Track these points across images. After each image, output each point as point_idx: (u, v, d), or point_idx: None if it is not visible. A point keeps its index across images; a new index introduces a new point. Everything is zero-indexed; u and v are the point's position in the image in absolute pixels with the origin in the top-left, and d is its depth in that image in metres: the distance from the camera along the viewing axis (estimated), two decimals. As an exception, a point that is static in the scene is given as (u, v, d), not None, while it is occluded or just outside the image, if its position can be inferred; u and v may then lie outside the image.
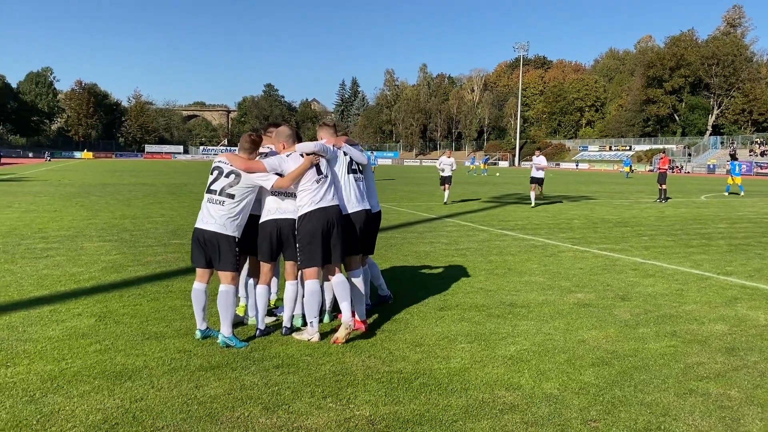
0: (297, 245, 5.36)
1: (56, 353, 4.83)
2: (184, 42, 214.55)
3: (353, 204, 5.72)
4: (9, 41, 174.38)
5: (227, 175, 5.27)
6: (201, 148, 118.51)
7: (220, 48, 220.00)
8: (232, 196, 5.22)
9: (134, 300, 6.61)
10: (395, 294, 7.05)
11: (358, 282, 5.74)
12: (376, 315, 6.19)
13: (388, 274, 8.23)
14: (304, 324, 5.63)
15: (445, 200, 20.83)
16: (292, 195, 5.44)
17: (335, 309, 6.08)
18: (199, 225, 5.25)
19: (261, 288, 5.50)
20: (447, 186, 21.24)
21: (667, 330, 5.83)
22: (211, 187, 5.29)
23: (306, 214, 5.32)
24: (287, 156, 5.42)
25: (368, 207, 5.89)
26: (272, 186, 5.28)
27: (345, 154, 5.79)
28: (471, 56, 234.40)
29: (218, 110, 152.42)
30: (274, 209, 5.43)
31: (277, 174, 5.31)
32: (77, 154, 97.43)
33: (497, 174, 56.51)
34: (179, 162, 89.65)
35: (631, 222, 15.70)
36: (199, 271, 5.32)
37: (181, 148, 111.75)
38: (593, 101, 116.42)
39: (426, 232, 12.81)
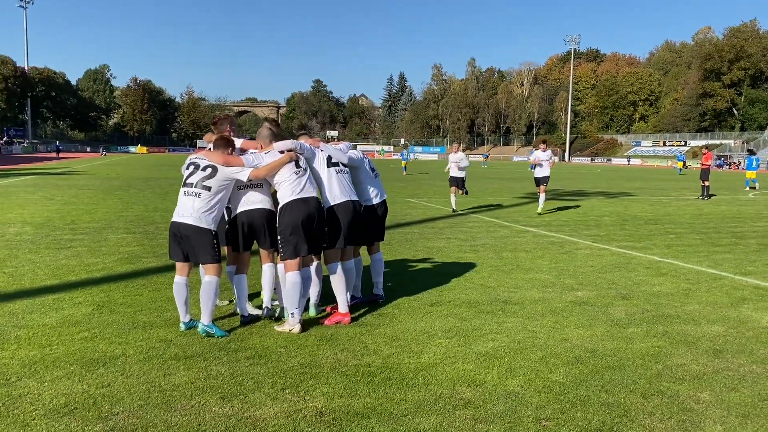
0: (279, 237, 5.47)
1: (44, 340, 5.05)
2: (236, 38, 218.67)
3: (336, 196, 5.80)
4: (69, 40, 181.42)
5: (204, 169, 5.40)
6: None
7: (271, 43, 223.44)
8: (208, 189, 5.33)
9: (136, 290, 6.84)
10: (393, 287, 7.09)
11: (337, 274, 5.82)
12: (366, 309, 6.24)
13: (392, 269, 8.27)
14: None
15: (453, 206, 16.36)
16: (260, 185, 5.60)
17: (323, 303, 6.19)
18: (175, 219, 5.36)
19: (240, 277, 5.72)
20: (457, 189, 16.67)
21: (658, 330, 5.68)
22: (188, 181, 5.42)
23: (286, 204, 5.44)
24: (265, 153, 5.55)
25: (354, 198, 5.94)
26: (248, 176, 5.40)
27: (321, 151, 5.90)
28: (521, 50, 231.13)
29: (268, 106, 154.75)
30: (243, 202, 5.57)
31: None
32: (132, 149, 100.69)
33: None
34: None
35: (664, 219, 15.25)
36: (178, 265, 5.45)
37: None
38: (647, 95, 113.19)
39: (446, 228, 12.76)
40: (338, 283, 5.78)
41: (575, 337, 5.44)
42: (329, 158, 5.90)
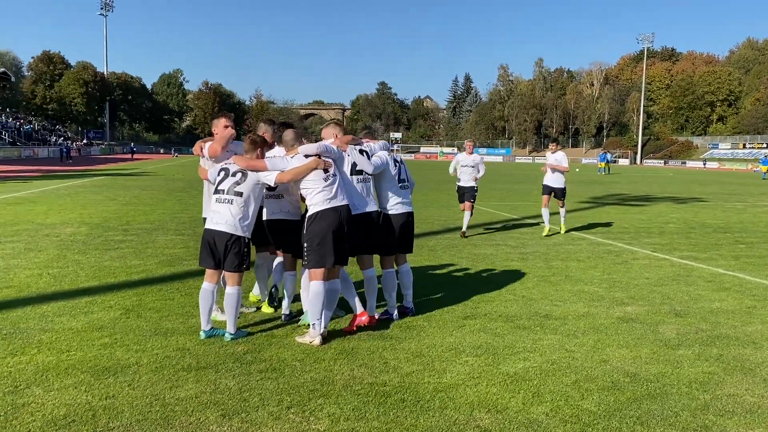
0: (305, 245, 5.29)
1: (65, 345, 5.03)
2: (303, 42, 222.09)
3: (354, 206, 5.56)
4: (146, 46, 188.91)
5: (234, 174, 5.31)
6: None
7: (337, 47, 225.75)
8: (240, 194, 5.27)
9: (169, 294, 6.80)
10: (428, 297, 6.79)
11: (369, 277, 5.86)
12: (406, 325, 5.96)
13: (432, 277, 7.97)
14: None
15: (462, 228, 11.99)
16: (279, 196, 5.70)
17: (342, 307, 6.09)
18: (209, 226, 5.31)
19: (289, 274, 6.01)
20: (468, 204, 12.20)
21: (712, 353, 5.16)
22: (219, 187, 5.33)
23: (317, 213, 5.26)
24: (292, 157, 5.36)
25: (374, 209, 5.73)
26: (274, 181, 5.27)
27: (348, 156, 5.66)
28: (591, 49, 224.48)
29: (334, 108, 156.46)
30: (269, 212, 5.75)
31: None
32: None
33: (599, 171, 53.52)
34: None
35: (735, 228, 14.27)
36: (208, 271, 5.39)
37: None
38: (726, 95, 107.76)
39: (497, 234, 12.33)
40: (368, 287, 5.84)
41: (616, 358, 5.00)
42: (353, 165, 5.66)
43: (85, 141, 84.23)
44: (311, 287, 5.27)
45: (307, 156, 5.33)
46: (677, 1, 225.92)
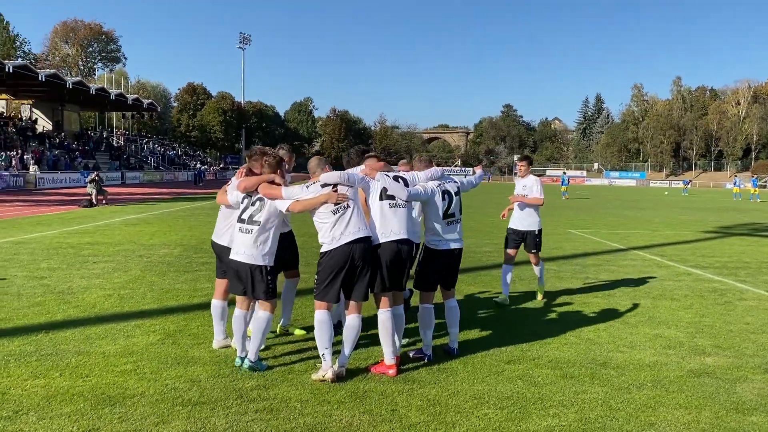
0: (315, 276, 5.11)
1: (87, 370, 5.08)
2: (427, 66, 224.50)
3: (383, 233, 5.21)
4: (279, 76, 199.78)
5: (253, 203, 5.23)
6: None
7: (463, 70, 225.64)
8: (258, 223, 5.21)
9: (210, 320, 6.75)
10: (479, 336, 6.27)
11: (386, 320, 5.20)
12: (434, 363, 5.51)
13: (490, 311, 7.40)
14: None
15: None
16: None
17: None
18: (232, 256, 5.32)
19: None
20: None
21: (794, 424, 4.25)
22: (241, 216, 5.30)
23: (327, 252, 5.06)
24: (307, 186, 5.18)
25: (403, 237, 5.28)
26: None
27: (377, 181, 5.32)
28: (737, 65, 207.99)
29: (458, 132, 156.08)
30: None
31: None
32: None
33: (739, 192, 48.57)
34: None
35: None
36: (238, 298, 5.40)
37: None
38: None
39: (591, 266, 11.38)
40: (381, 330, 5.19)
41: (668, 421, 4.25)
42: (384, 190, 5.31)
43: (222, 165, 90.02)
44: (315, 316, 5.08)
45: (325, 185, 5.11)
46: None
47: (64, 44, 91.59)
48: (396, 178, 5.40)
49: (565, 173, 56.42)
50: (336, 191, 5.07)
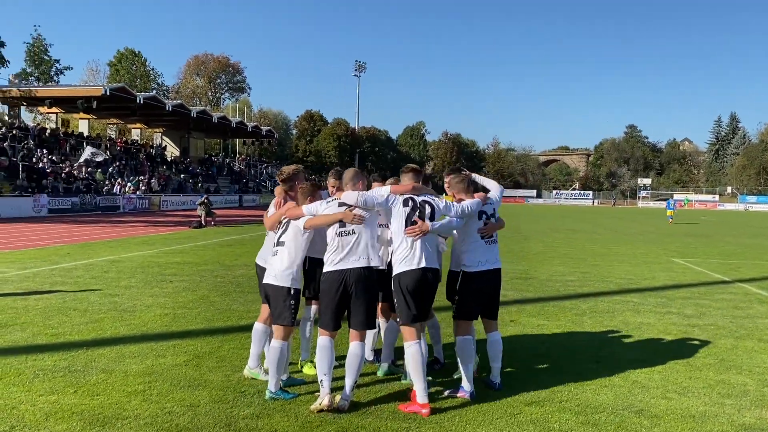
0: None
1: (101, 388, 5.20)
2: (544, 86, 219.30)
3: (407, 261, 4.97)
4: (393, 102, 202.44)
5: (282, 225, 5.27)
6: (554, 192, 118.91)
7: (582, 88, 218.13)
8: (283, 244, 5.21)
9: (246, 343, 6.75)
10: (515, 369, 5.80)
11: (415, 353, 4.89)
12: (449, 398, 5.15)
13: (540, 346, 6.86)
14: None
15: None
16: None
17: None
18: (264, 279, 5.36)
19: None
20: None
21: None
22: (275, 240, 5.33)
23: (324, 273, 4.96)
24: (328, 202, 5.11)
25: (429, 266, 4.99)
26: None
27: (407, 204, 5.04)
28: None
29: (578, 154, 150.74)
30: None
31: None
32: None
33: None
34: (527, 206, 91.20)
35: None
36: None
37: (534, 192, 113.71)
38: None
39: (679, 299, 10.35)
40: (412, 365, 4.89)
41: (686, 487, 3.64)
42: (409, 216, 5.01)
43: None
44: (317, 342, 4.96)
45: (342, 204, 4.97)
46: None
47: (195, 76, 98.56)
48: (424, 203, 5.10)
49: (672, 197, 52.91)
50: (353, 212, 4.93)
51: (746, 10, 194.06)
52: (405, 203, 5.07)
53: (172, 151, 62.82)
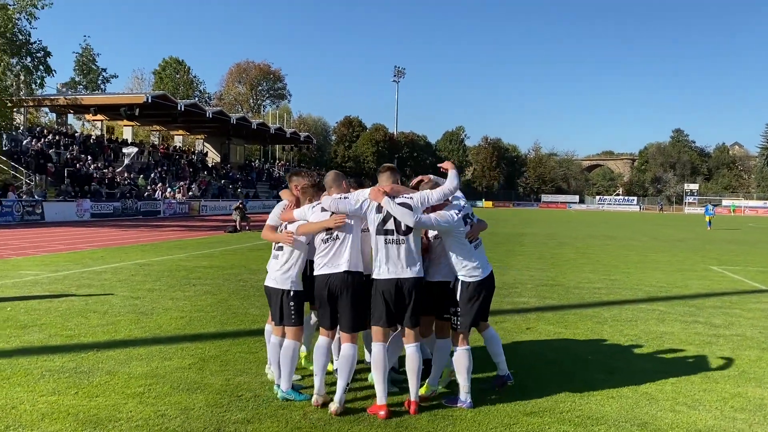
0: None
1: (101, 390, 5.27)
2: (587, 90, 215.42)
3: (378, 270, 4.90)
4: (432, 107, 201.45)
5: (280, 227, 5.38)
6: (597, 197, 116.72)
7: (629, 94, 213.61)
8: (281, 248, 5.26)
9: (255, 347, 6.80)
10: (518, 379, 5.65)
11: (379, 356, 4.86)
12: (438, 402, 5.05)
13: (551, 354, 6.68)
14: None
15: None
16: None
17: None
18: (265, 282, 5.41)
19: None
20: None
21: None
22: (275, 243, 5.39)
23: (315, 277, 4.95)
24: (312, 207, 5.13)
25: (402, 276, 4.87)
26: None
27: (379, 211, 4.95)
28: None
29: (623, 159, 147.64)
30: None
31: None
32: (479, 203, 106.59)
33: None
34: (569, 212, 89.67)
35: None
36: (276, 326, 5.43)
37: (576, 198, 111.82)
38: None
39: (709, 308, 9.98)
40: (374, 366, 4.87)
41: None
42: (382, 222, 4.92)
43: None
44: (316, 341, 5.07)
45: (324, 210, 4.96)
46: None
47: (237, 84, 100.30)
48: (402, 204, 4.98)
49: (710, 203, 51.32)
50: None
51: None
52: (378, 210, 4.96)
53: (213, 157, 63.95)
